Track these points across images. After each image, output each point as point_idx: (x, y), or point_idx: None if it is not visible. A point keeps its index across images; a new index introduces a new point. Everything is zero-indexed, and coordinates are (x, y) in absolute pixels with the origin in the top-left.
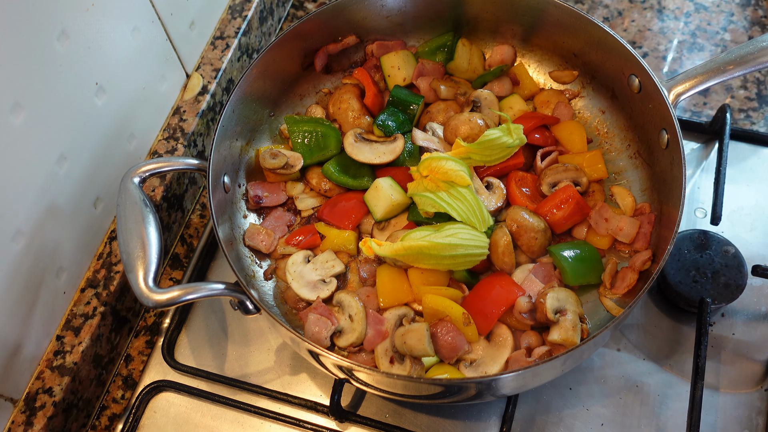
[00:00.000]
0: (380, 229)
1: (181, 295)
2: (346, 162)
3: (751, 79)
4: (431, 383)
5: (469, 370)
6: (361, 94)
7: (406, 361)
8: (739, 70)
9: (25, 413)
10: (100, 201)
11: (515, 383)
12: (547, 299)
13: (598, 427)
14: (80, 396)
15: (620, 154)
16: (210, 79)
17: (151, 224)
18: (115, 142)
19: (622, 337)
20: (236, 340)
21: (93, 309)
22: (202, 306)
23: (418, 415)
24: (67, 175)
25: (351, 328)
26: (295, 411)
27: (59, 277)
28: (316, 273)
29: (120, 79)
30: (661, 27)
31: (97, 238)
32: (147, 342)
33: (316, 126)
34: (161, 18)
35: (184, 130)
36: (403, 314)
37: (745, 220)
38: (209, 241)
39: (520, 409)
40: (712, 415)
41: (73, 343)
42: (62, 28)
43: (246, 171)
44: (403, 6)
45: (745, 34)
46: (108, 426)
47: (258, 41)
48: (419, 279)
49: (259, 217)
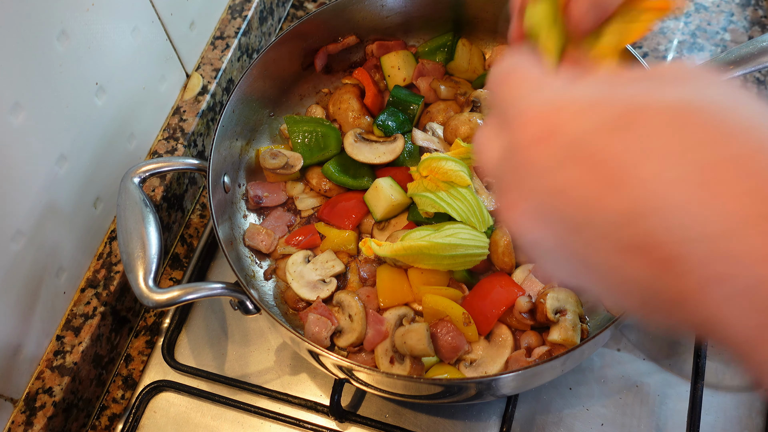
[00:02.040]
0: (380, 229)
1: (181, 295)
2: (346, 162)
3: (751, 80)
4: (431, 383)
5: (469, 370)
6: (361, 94)
7: (406, 361)
8: (739, 70)
9: (25, 413)
10: (100, 201)
11: (515, 383)
12: (547, 299)
13: (598, 426)
14: (80, 396)
15: None
16: (210, 79)
17: (151, 224)
18: (115, 142)
19: (622, 337)
20: (236, 340)
21: (93, 309)
22: (202, 306)
23: (418, 414)
24: (67, 175)
25: (351, 328)
26: (295, 411)
27: (59, 277)
28: (316, 273)
29: (120, 79)
30: (661, 27)
31: (97, 238)
32: (147, 342)
33: (316, 126)
34: (161, 18)
35: (184, 130)
36: (403, 314)
37: None
38: (209, 241)
39: (520, 409)
40: (712, 415)
41: (73, 343)
42: (62, 28)
43: (246, 171)
44: (403, 6)
45: (745, 35)
46: (108, 426)
47: (258, 41)
48: (419, 279)
49: (259, 217)
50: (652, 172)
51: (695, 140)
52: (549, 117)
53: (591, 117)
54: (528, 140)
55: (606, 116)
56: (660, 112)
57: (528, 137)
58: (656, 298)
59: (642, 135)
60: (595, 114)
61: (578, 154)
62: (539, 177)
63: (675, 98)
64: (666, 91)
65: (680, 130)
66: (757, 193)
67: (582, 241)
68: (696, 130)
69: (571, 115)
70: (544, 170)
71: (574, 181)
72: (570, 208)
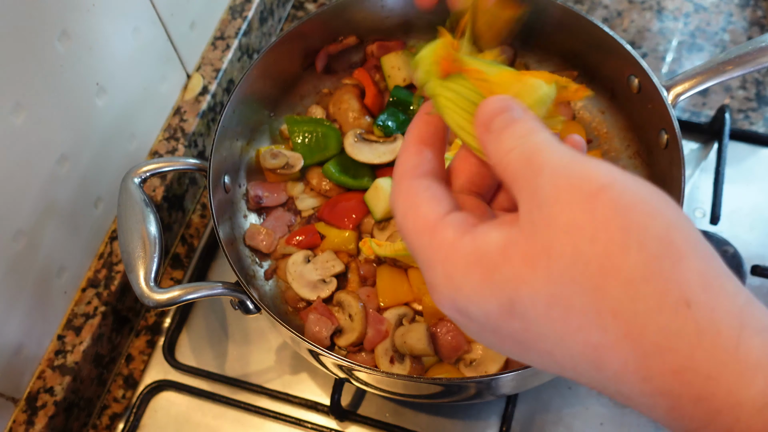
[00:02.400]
0: (380, 229)
1: (181, 294)
2: (346, 162)
3: (750, 80)
4: (431, 383)
5: (469, 369)
6: (361, 94)
7: (406, 360)
8: (739, 71)
9: (27, 412)
10: (100, 201)
11: (515, 382)
12: None
13: (598, 425)
14: (81, 395)
15: (620, 155)
16: (210, 79)
17: (151, 224)
18: (115, 143)
19: None
20: (237, 340)
21: (94, 309)
22: (203, 306)
23: (418, 414)
24: (68, 175)
25: (351, 327)
26: (296, 410)
27: (60, 276)
28: (316, 273)
29: (121, 79)
30: (661, 27)
31: (98, 238)
32: (148, 342)
33: (317, 126)
34: (162, 19)
35: (184, 131)
36: (403, 314)
37: (744, 221)
38: (210, 241)
39: (519, 408)
40: None
41: (74, 342)
42: (63, 28)
43: (246, 171)
44: (403, 6)
45: (744, 35)
46: (109, 425)
47: (258, 42)
48: (419, 279)
49: (260, 217)
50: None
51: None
52: (451, 299)
53: (483, 304)
54: (446, 312)
55: (494, 305)
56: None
57: (445, 310)
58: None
59: (527, 321)
60: (485, 302)
61: (489, 329)
62: (470, 333)
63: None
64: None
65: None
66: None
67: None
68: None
69: (467, 298)
70: (471, 333)
71: (496, 346)
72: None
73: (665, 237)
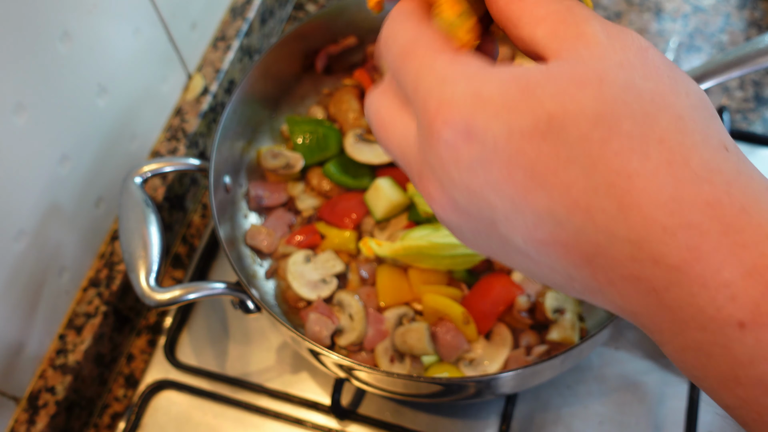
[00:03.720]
0: (380, 229)
1: (182, 294)
2: (346, 162)
3: (749, 81)
4: (431, 382)
5: (468, 368)
6: (361, 94)
7: (405, 360)
8: (737, 71)
9: (28, 412)
10: (102, 201)
11: (514, 382)
12: (547, 298)
13: (597, 425)
14: (82, 394)
15: None
16: (211, 80)
17: (152, 224)
18: (117, 143)
19: (621, 336)
20: (237, 340)
21: (95, 308)
22: (204, 305)
23: (417, 413)
24: (69, 175)
25: (351, 327)
26: (296, 410)
27: (62, 276)
28: (316, 272)
29: (122, 80)
30: (659, 29)
31: (99, 237)
32: (149, 341)
33: (317, 127)
34: (163, 19)
35: (185, 131)
36: (403, 313)
37: None
38: (210, 241)
39: (519, 408)
40: (710, 414)
41: (76, 342)
42: (64, 29)
43: (247, 171)
44: None
45: (743, 36)
46: (110, 424)
47: (259, 42)
48: (419, 278)
49: (260, 217)
50: (569, 180)
51: (611, 151)
52: (469, 114)
53: (512, 119)
54: (446, 137)
55: (527, 120)
56: (581, 120)
57: (447, 134)
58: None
59: (560, 143)
60: (517, 116)
61: (499, 158)
62: (457, 175)
63: (596, 104)
64: (587, 93)
65: (598, 138)
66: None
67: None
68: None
69: (492, 114)
70: (462, 169)
71: (493, 184)
72: (488, 207)
73: (703, 96)
